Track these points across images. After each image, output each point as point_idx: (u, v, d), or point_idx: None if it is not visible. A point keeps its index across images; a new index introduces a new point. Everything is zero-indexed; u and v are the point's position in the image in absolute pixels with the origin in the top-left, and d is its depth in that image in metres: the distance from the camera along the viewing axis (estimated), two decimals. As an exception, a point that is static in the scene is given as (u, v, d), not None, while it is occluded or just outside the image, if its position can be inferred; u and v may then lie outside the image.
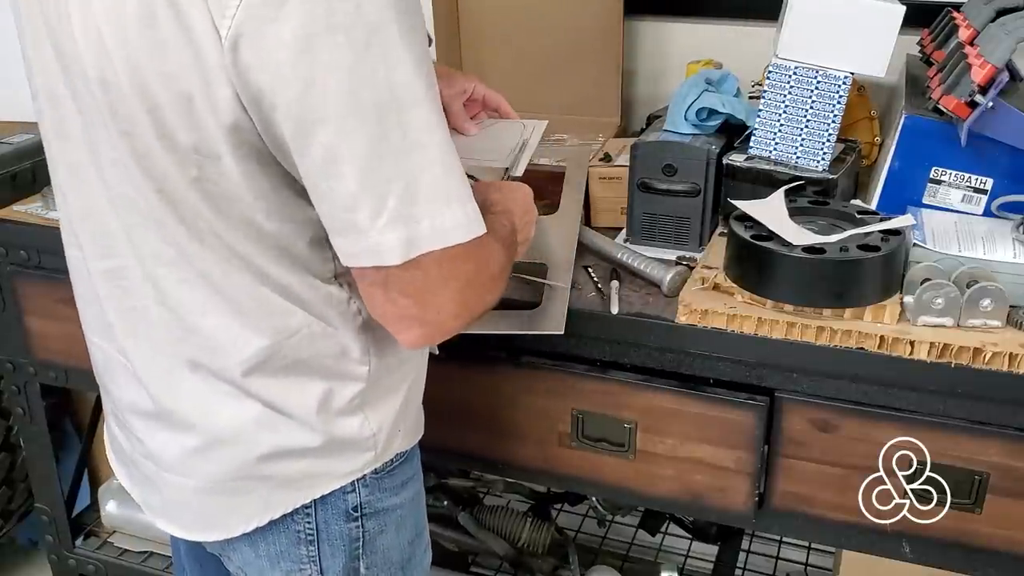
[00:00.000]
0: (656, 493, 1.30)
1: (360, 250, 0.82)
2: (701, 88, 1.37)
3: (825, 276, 1.14)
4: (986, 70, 1.14)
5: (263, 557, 1.01)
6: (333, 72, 0.76)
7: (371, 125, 0.77)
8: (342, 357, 0.95)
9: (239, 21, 0.75)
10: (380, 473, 1.01)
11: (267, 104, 0.78)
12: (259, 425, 0.94)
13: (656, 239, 1.36)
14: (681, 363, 1.22)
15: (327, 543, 1.00)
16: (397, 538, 1.05)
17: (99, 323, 1.01)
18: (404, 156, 0.79)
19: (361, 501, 1.00)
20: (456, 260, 0.84)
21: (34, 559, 2.23)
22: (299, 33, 0.74)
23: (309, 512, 0.99)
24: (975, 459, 1.15)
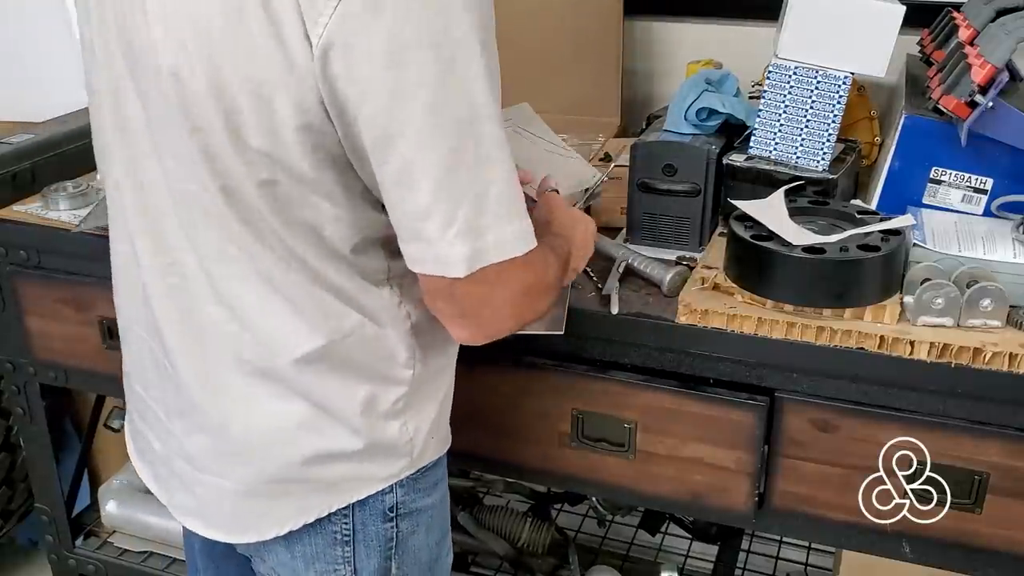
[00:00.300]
0: (656, 493, 1.30)
1: (427, 258, 0.85)
2: (701, 88, 1.37)
3: (825, 276, 1.14)
4: (986, 70, 1.14)
5: (298, 558, 1.01)
6: (419, 87, 0.77)
7: (449, 139, 0.80)
8: (390, 360, 0.96)
9: (331, 30, 0.76)
10: (415, 474, 1.02)
11: (351, 113, 0.79)
12: (302, 427, 0.95)
13: (656, 239, 1.36)
14: (681, 363, 1.22)
15: (363, 544, 1.01)
16: (427, 539, 1.06)
17: (142, 319, 1.01)
18: (476, 170, 0.81)
19: (397, 501, 1.01)
20: (516, 270, 0.87)
21: (34, 559, 2.23)
22: (390, 47, 0.76)
23: (346, 513, 0.99)
24: (975, 459, 1.15)
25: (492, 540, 1.80)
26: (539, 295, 0.93)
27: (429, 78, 0.77)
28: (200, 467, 1.00)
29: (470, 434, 1.36)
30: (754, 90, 1.56)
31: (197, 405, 0.98)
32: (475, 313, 0.89)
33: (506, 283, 0.87)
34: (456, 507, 1.84)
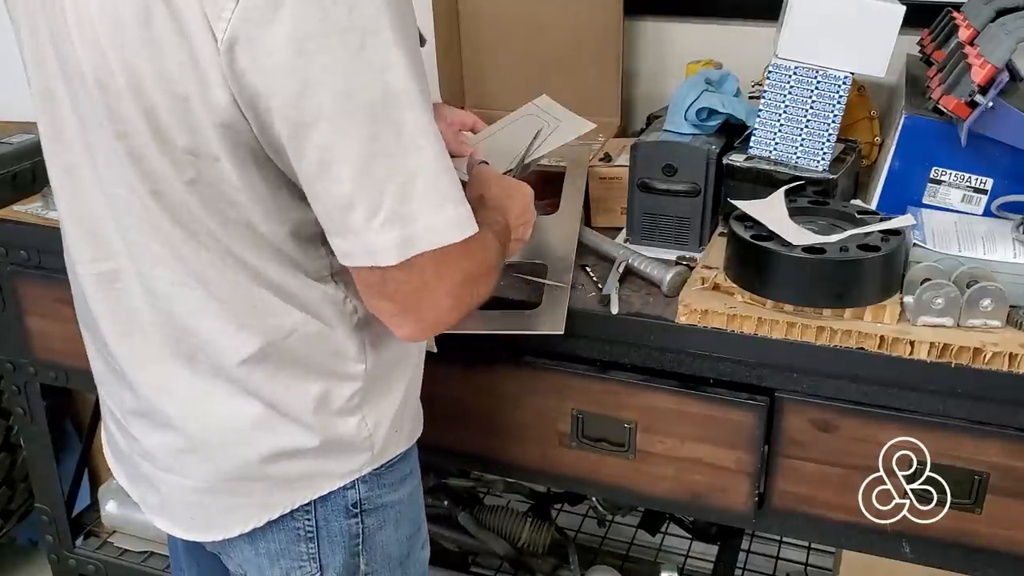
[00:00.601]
0: (656, 493, 1.30)
1: (356, 250, 0.83)
2: (701, 88, 1.37)
3: (825, 276, 1.14)
4: (986, 70, 1.14)
5: (262, 555, 1.01)
6: (327, 74, 0.76)
7: (365, 126, 0.78)
8: (338, 356, 0.95)
9: (234, 24, 0.75)
10: (379, 469, 1.01)
11: (263, 106, 0.78)
12: (257, 426, 0.94)
13: (656, 239, 1.36)
14: (681, 363, 1.22)
15: (327, 540, 1.01)
16: (396, 534, 1.05)
17: (96, 325, 1.01)
18: (398, 157, 0.80)
19: (360, 497, 1.01)
20: (452, 258, 0.85)
21: (34, 559, 2.23)
22: (293, 36, 0.75)
23: (308, 510, 0.99)
24: (975, 459, 1.15)
25: (492, 540, 1.80)
26: (480, 280, 0.91)
27: (337, 65, 0.76)
28: (161, 466, 1.00)
29: (470, 434, 1.36)
30: (754, 90, 1.56)
31: (152, 406, 0.97)
32: (414, 307, 0.87)
33: (444, 274, 0.85)
34: (456, 507, 1.84)
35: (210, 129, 0.81)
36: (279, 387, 0.94)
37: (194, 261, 0.89)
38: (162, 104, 0.81)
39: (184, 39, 0.77)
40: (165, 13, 0.77)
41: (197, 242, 0.88)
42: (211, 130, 0.81)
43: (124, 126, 0.84)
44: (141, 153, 0.84)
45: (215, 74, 0.78)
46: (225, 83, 0.78)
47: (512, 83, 1.82)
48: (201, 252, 0.88)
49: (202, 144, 0.82)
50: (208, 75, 0.78)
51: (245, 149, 0.83)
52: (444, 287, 0.86)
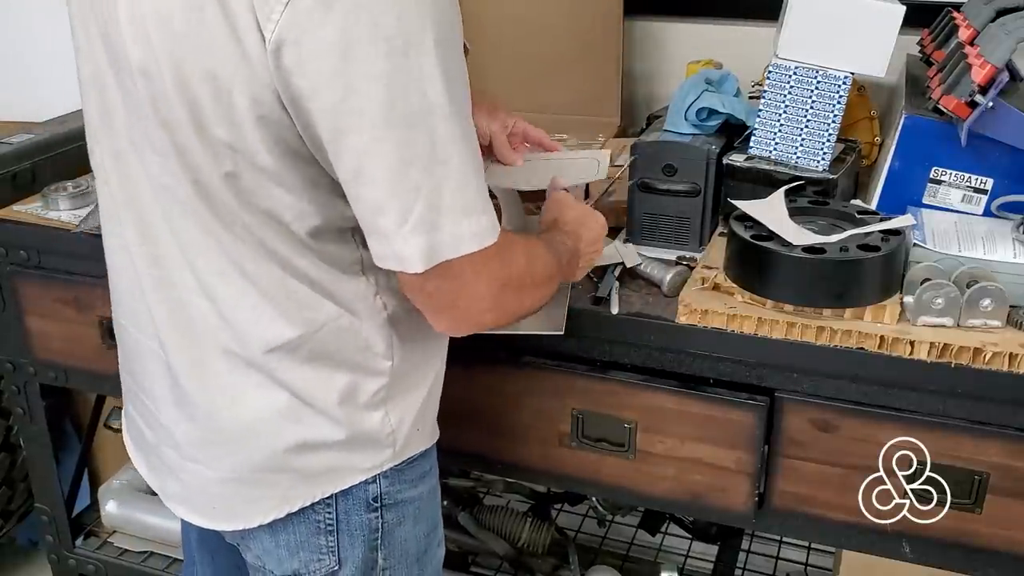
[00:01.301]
0: (656, 493, 1.30)
1: (388, 254, 0.86)
2: (701, 88, 1.37)
3: (825, 276, 1.14)
4: (986, 70, 1.14)
5: (282, 547, 1.02)
6: (370, 82, 0.78)
7: (402, 134, 0.80)
8: (367, 351, 0.97)
9: (283, 25, 0.77)
10: (400, 465, 1.02)
11: (305, 107, 0.80)
12: (284, 417, 0.96)
13: (656, 239, 1.36)
14: (681, 363, 1.22)
15: (347, 534, 1.01)
16: (414, 530, 1.06)
17: (136, 310, 1.02)
18: (431, 166, 0.82)
19: (381, 492, 1.01)
20: (487, 263, 0.88)
21: (34, 559, 2.23)
22: (340, 41, 0.77)
23: (329, 503, 1.00)
24: (975, 459, 1.15)
25: (492, 540, 1.80)
26: (524, 290, 0.95)
27: (380, 72, 0.78)
28: (187, 455, 1.01)
29: (470, 434, 1.36)
30: (754, 90, 1.56)
31: (188, 395, 0.99)
32: (450, 306, 0.90)
33: (477, 277, 0.88)
34: (456, 507, 1.84)
35: (251, 124, 0.83)
36: (307, 378, 0.95)
37: (232, 251, 0.91)
38: (205, 98, 0.83)
39: (234, 37, 0.79)
40: (217, 10, 0.79)
41: (233, 234, 0.90)
42: (252, 125, 0.83)
43: (168, 116, 0.86)
44: (183, 144, 0.86)
45: (261, 72, 0.80)
46: (271, 81, 0.80)
47: (512, 83, 1.82)
48: (238, 243, 0.90)
49: (242, 139, 0.84)
50: (254, 72, 0.80)
51: (284, 145, 0.85)
52: (480, 292, 0.89)
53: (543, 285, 0.99)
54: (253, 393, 0.96)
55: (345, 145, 0.81)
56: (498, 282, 0.90)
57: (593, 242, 1.12)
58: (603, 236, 1.15)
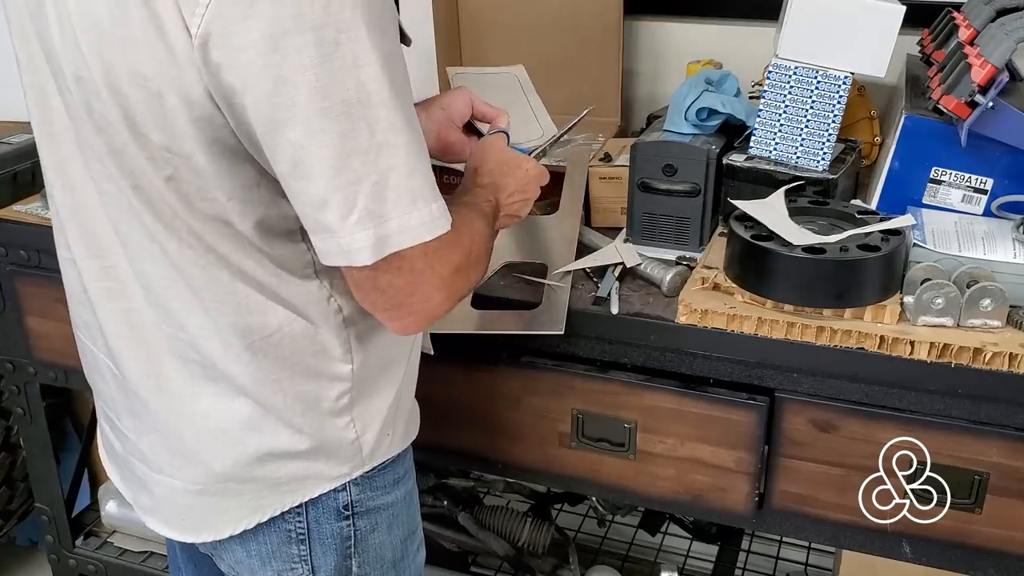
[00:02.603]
0: (656, 493, 1.30)
1: (332, 249, 0.83)
2: (701, 88, 1.37)
3: (825, 276, 1.14)
4: (986, 70, 1.14)
5: (254, 556, 1.01)
6: (301, 72, 0.76)
7: (338, 124, 0.78)
8: (324, 356, 0.95)
9: (208, 20, 0.75)
10: (370, 472, 1.01)
11: (238, 103, 0.78)
12: (246, 427, 0.94)
13: (656, 239, 1.36)
14: (681, 363, 1.22)
15: (318, 542, 1.00)
16: (389, 536, 1.05)
17: (88, 323, 1.01)
18: (372, 155, 0.79)
19: (352, 500, 1.00)
20: (441, 251, 0.85)
21: (34, 559, 2.23)
22: (268, 32, 0.75)
23: (299, 512, 0.99)
24: (975, 459, 1.15)
25: (492, 540, 1.79)
26: (471, 268, 0.92)
27: (311, 62, 0.76)
28: (154, 467, 1.00)
29: (471, 434, 1.36)
30: (754, 90, 1.56)
31: (146, 405, 0.97)
32: (405, 302, 0.87)
33: (434, 267, 0.86)
34: (456, 507, 1.84)
35: (186, 125, 0.81)
36: (267, 387, 0.93)
37: (177, 257, 0.89)
38: (137, 101, 0.81)
39: (159, 35, 0.77)
40: (140, 10, 0.77)
41: (179, 239, 0.88)
42: (186, 126, 0.81)
43: (103, 122, 0.84)
44: (121, 148, 0.85)
45: (190, 69, 0.78)
46: (200, 79, 0.78)
47: (512, 83, 1.82)
48: (184, 249, 0.88)
49: (177, 141, 0.82)
50: (183, 71, 0.78)
51: (221, 145, 0.83)
52: (435, 280, 0.87)
53: (484, 257, 0.96)
54: (213, 402, 0.94)
55: (281, 139, 0.79)
56: (451, 269, 0.87)
57: (519, 191, 1.07)
58: (534, 182, 1.10)
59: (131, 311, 0.94)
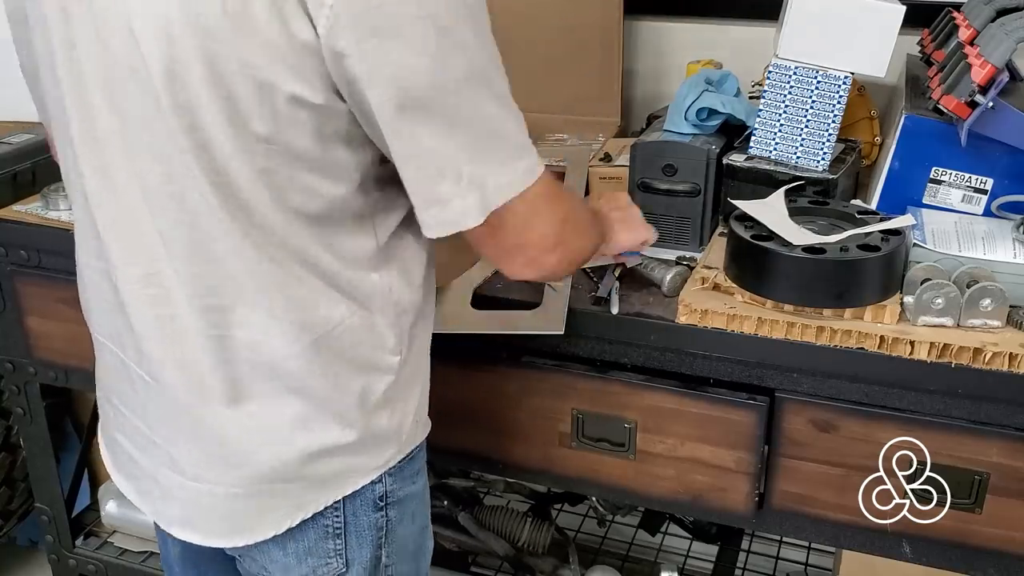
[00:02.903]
0: (656, 493, 1.30)
1: (446, 220, 0.87)
2: (701, 88, 1.37)
3: (825, 276, 1.14)
4: (986, 70, 1.14)
5: (291, 555, 1.01)
6: (418, 56, 0.80)
7: (452, 102, 0.83)
8: (379, 348, 0.97)
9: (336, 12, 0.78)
10: (402, 461, 1.02)
11: (360, 90, 0.81)
12: (296, 425, 0.95)
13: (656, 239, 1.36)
14: (681, 363, 1.22)
15: (355, 535, 1.01)
16: (412, 527, 1.07)
17: (119, 332, 0.99)
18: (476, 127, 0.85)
19: (387, 490, 1.02)
20: (549, 197, 0.91)
21: (34, 559, 2.23)
22: (392, 22, 0.79)
23: (338, 506, 0.99)
24: (975, 459, 1.15)
25: (492, 540, 1.80)
26: (579, 228, 0.98)
27: (426, 49, 0.80)
28: (189, 475, 0.99)
29: (470, 434, 1.36)
30: (754, 90, 1.56)
31: (185, 412, 0.96)
32: (518, 247, 0.92)
33: (537, 214, 0.90)
34: (456, 507, 1.84)
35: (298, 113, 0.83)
36: (323, 381, 0.94)
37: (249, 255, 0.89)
38: (246, 91, 0.82)
39: (282, 25, 0.79)
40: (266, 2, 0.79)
41: (252, 238, 0.89)
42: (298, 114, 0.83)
43: (192, 117, 0.84)
44: (206, 144, 0.85)
45: (312, 57, 0.80)
46: (321, 67, 0.81)
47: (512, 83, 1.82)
48: (259, 245, 0.89)
49: (282, 131, 0.84)
50: (304, 59, 0.80)
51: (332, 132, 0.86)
52: (547, 222, 0.91)
53: (590, 234, 1.02)
54: (261, 403, 0.94)
55: (402, 123, 0.83)
56: (557, 217, 0.92)
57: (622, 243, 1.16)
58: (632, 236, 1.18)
59: (175, 317, 0.93)
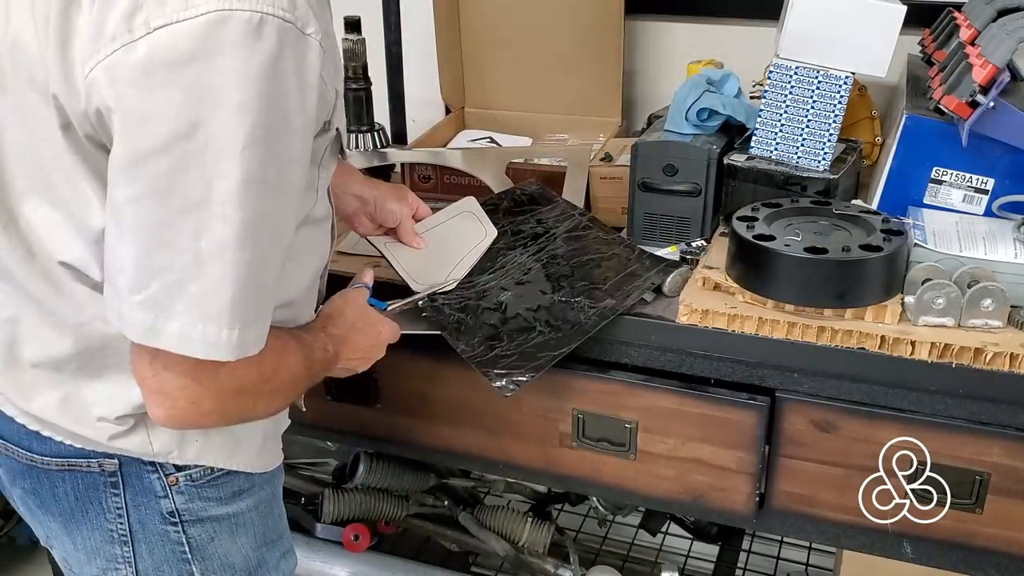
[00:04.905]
0: (657, 493, 1.30)
1: (113, 309, 0.84)
2: (702, 88, 1.37)
3: (826, 276, 1.14)
4: (987, 70, 1.14)
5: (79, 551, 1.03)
6: (159, 153, 0.77)
7: (172, 213, 0.79)
8: None
9: (104, 66, 0.77)
10: (198, 482, 1.01)
11: (108, 122, 0.80)
12: None
13: (657, 239, 1.36)
14: (682, 363, 1.22)
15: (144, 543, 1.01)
16: (235, 544, 1.05)
17: None
18: (185, 256, 0.80)
19: (178, 507, 1.00)
20: (232, 365, 0.84)
21: (34, 559, 2.23)
22: (149, 108, 0.76)
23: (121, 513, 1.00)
24: (976, 459, 1.15)
25: (493, 540, 1.80)
26: (261, 396, 0.92)
27: (173, 150, 0.77)
28: None
29: (471, 434, 1.36)
30: (755, 90, 1.56)
31: None
32: (172, 395, 0.86)
33: (219, 377, 0.85)
34: (456, 507, 1.84)
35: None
36: None
37: None
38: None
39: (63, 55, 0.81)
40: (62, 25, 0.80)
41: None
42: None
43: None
44: None
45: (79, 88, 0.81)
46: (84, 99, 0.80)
47: (512, 83, 1.82)
48: None
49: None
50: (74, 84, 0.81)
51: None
52: (214, 389, 0.86)
53: (284, 393, 0.96)
54: None
55: (121, 193, 0.80)
56: (234, 385, 0.87)
57: (362, 351, 1.08)
58: (382, 345, 1.11)
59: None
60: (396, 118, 1.80)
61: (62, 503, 1.00)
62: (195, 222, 0.79)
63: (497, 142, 1.77)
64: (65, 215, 0.88)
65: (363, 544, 1.80)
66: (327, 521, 1.80)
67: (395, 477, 1.81)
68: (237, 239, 0.80)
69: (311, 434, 1.60)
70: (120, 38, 0.76)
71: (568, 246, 1.31)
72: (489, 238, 1.29)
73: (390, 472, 1.80)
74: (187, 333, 0.81)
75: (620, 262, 1.28)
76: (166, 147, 0.77)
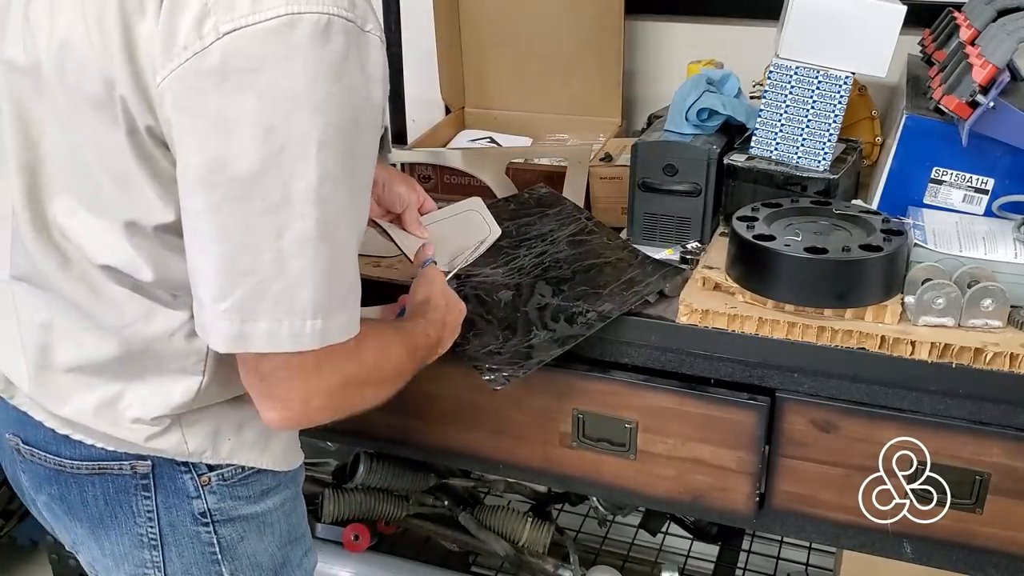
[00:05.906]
0: (657, 493, 1.30)
1: (199, 321, 0.86)
2: (702, 88, 1.37)
3: (826, 276, 1.14)
4: (987, 70, 1.14)
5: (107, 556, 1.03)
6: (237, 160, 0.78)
7: (253, 216, 0.79)
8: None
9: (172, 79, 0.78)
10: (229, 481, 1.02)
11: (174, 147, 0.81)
12: None
13: (657, 239, 1.36)
14: (682, 363, 1.22)
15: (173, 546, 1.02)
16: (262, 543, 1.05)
17: None
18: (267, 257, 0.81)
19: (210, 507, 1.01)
20: (335, 358, 0.87)
21: (34, 559, 2.23)
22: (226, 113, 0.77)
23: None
24: (976, 459, 1.15)
25: (493, 540, 1.80)
26: (367, 386, 0.94)
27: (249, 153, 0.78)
28: None
29: (471, 434, 1.36)
30: (755, 90, 1.56)
31: None
32: (283, 396, 0.88)
33: (323, 371, 0.87)
34: (457, 507, 1.84)
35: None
36: None
37: None
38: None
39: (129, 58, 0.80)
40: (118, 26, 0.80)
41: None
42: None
43: None
44: None
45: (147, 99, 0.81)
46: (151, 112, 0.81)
47: (512, 83, 1.82)
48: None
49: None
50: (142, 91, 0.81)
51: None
52: (319, 385, 0.88)
53: (390, 382, 0.98)
54: None
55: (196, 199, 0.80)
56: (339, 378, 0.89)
57: (454, 331, 1.11)
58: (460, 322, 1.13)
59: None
60: (396, 118, 1.80)
61: (90, 508, 1.00)
62: (276, 223, 0.80)
63: (497, 142, 1.77)
64: (109, 219, 0.88)
65: (363, 544, 1.80)
66: (327, 521, 1.80)
67: (395, 477, 1.81)
68: (317, 235, 0.81)
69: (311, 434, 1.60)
70: (191, 47, 0.76)
71: (571, 249, 1.31)
72: (493, 236, 1.30)
73: (390, 472, 1.80)
74: (274, 331, 0.83)
75: (622, 267, 1.28)
76: (244, 152, 0.77)
